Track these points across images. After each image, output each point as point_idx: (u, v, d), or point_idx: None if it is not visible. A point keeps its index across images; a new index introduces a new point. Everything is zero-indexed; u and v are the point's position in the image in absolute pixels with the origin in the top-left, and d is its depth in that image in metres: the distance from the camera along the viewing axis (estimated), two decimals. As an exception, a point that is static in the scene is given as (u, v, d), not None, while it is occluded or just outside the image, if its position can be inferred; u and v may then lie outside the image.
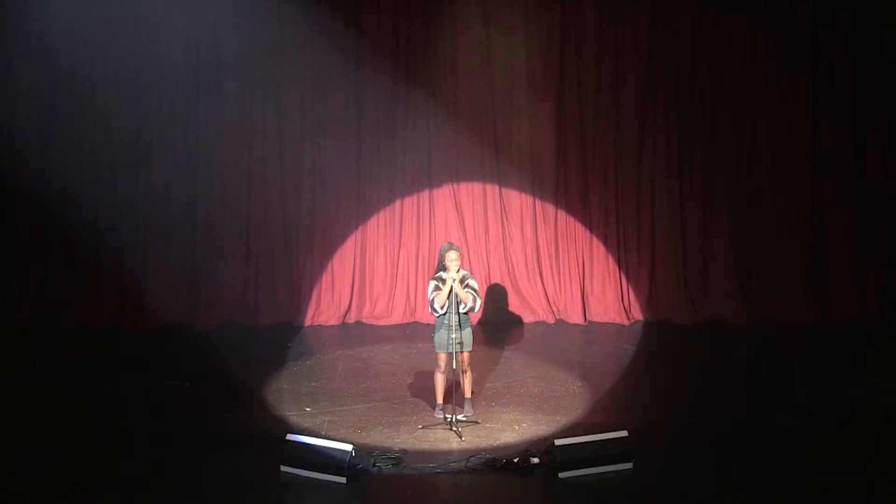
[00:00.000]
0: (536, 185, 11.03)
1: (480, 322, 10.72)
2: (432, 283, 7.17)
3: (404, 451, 6.56)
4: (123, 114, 10.60)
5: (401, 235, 11.06)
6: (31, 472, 6.28)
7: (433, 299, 7.10)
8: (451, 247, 7.18)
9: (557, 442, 6.29)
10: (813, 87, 10.85)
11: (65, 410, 7.57)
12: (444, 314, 7.09)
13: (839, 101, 10.85)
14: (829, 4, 10.76)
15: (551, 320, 10.91)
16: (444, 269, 7.12)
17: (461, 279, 7.10)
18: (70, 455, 6.58)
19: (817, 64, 10.82)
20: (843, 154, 10.93)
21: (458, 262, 7.12)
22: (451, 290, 7.01)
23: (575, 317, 10.88)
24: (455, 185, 10.97)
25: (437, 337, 7.20)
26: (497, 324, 10.79)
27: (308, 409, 7.61)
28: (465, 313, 7.15)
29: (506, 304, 11.04)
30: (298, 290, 10.96)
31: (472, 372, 7.45)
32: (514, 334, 10.41)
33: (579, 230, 11.02)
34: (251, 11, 10.57)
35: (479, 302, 7.20)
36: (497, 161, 11.01)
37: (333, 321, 10.81)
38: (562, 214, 11.06)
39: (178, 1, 10.46)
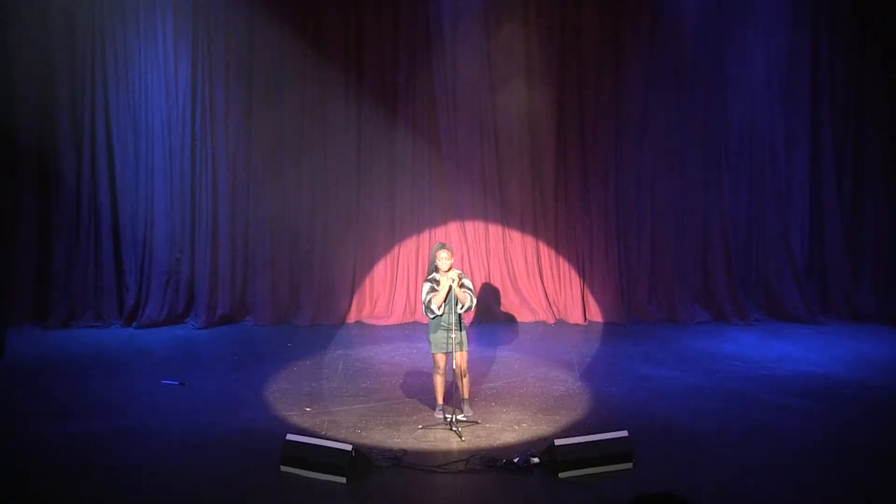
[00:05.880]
0: (537, 185, 11.03)
1: (481, 322, 10.74)
2: (427, 285, 7.16)
3: (404, 451, 6.55)
4: (123, 114, 10.61)
5: (401, 235, 11.05)
6: (28, 473, 6.28)
7: (429, 300, 7.08)
8: (442, 246, 7.19)
9: (557, 442, 6.29)
10: (813, 83, 10.86)
11: (63, 410, 7.57)
12: (441, 315, 7.09)
13: (839, 97, 10.87)
14: (828, 5, 10.76)
15: (551, 320, 10.91)
16: (437, 269, 7.13)
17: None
18: (68, 455, 6.58)
19: (818, 60, 10.82)
20: (842, 152, 10.93)
21: (451, 262, 7.13)
22: (448, 291, 7.02)
23: (575, 317, 10.88)
24: (455, 185, 10.97)
25: (433, 338, 7.20)
26: (497, 324, 10.79)
27: (308, 409, 7.62)
28: (464, 312, 7.15)
29: (506, 304, 11.04)
30: (298, 289, 10.96)
31: (469, 373, 7.44)
32: (515, 334, 10.41)
33: (579, 230, 11.01)
34: (251, 16, 10.59)
35: (474, 301, 7.20)
36: (497, 161, 11.00)
37: (333, 321, 10.82)
38: (562, 214, 11.06)
39: (180, 3, 10.47)
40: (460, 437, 6.86)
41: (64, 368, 8.93)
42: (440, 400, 7.36)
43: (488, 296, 10.94)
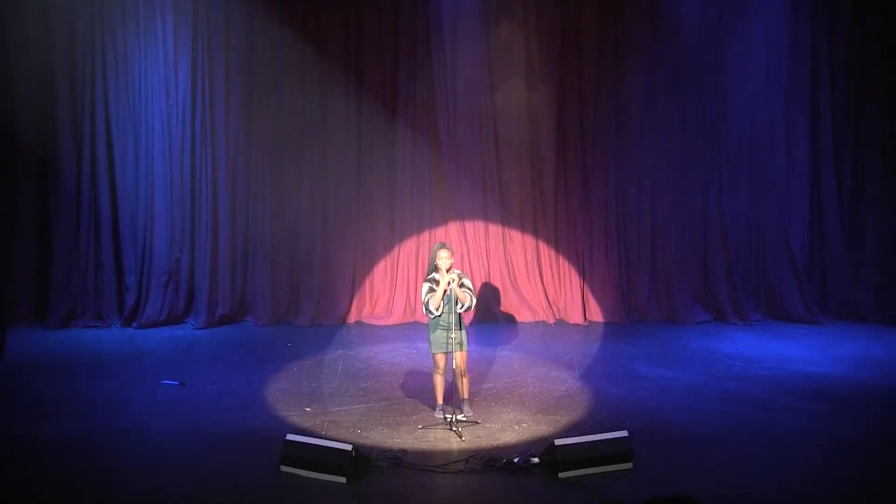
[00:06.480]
0: (537, 185, 11.02)
1: (481, 322, 10.74)
2: (426, 286, 7.15)
3: (404, 451, 6.56)
4: (123, 114, 10.61)
5: (401, 235, 11.05)
6: (28, 473, 6.29)
7: (428, 300, 7.09)
8: (442, 246, 7.19)
9: (557, 442, 6.29)
10: (813, 83, 10.86)
11: (62, 410, 7.57)
12: (440, 315, 7.09)
13: (839, 97, 10.87)
14: (828, 5, 10.76)
15: (551, 320, 10.90)
16: (436, 268, 7.14)
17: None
18: (68, 455, 6.59)
19: (818, 60, 10.82)
20: (842, 152, 10.94)
21: (451, 261, 7.13)
22: (447, 290, 7.01)
23: (575, 317, 10.87)
24: (455, 185, 10.96)
25: (433, 338, 7.20)
26: (497, 324, 10.79)
27: (308, 409, 7.62)
28: (464, 312, 7.15)
29: (506, 304, 11.04)
30: (298, 289, 10.96)
31: (468, 373, 7.44)
32: (514, 334, 10.41)
33: (579, 230, 11.01)
34: (251, 15, 10.59)
35: (474, 300, 7.20)
36: (497, 161, 10.99)
37: (333, 321, 10.81)
38: (562, 214, 11.05)
39: (180, 2, 10.47)
40: (460, 437, 6.86)
41: (64, 368, 8.93)
42: (440, 400, 7.36)
43: (488, 296, 10.94)
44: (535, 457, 6.32)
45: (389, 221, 11.04)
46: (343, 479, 6.04)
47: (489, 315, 10.92)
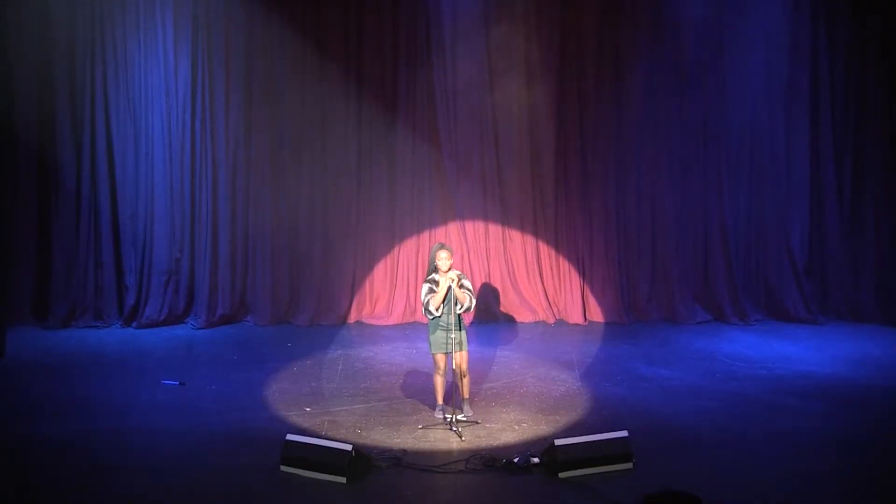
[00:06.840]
0: (537, 185, 11.02)
1: (481, 322, 10.73)
2: (426, 286, 7.16)
3: (404, 451, 6.56)
4: (124, 114, 10.61)
5: (401, 235, 11.05)
6: (28, 473, 6.28)
7: (428, 301, 7.09)
8: (441, 246, 7.20)
9: (557, 442, 6.29)
10: (814, 84, 10.85)
11: (62, 410, 7.57)
12: (440, 315, 7.09)
13: (839, 97, 10.87)
14: (828, 6, 10.77)
15: (551, 320, 10.90)
16: (436, 269, 7.14)
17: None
18: (68, 455, 6.58)
19: (818, 60, 10.82)
20: (842, 152, 10.94)
21: (450, 262, 7.14)
22: (447, 291, 7.02)
23: (575, 317, 10.87)
24: (455, 185, 10.96)
25: (433, 338, 7.21)
26: (497, 324, 10.79)
27: (308, 409, 7.62)
28: (463, 312, 7.16)
29: (506, 304, 11.04)
30: (298, 289, 10.96)
31: (469, 373, 7.44)
32: (514, 334, 10.41)
33: (579, 230, 11.01)
34: (251, 16, 10.59)
35: (473, 301, 7.21)
36: (497, 161, 10.99)
37: (333, 321, 10.81)
38: (562, 214, 11.05)
39: (180, 3, 10.47)
40: (460, 437, 6.86)
41: (64, 368, 8.93)
42: (440, 400, 7.36)
43: (488, 296, 10.94)
44: (535, 457, 6.32)
45: (389, 221, 11.04)
46: (343, 479, 6.05)
47: (489, 315, 10.92)
